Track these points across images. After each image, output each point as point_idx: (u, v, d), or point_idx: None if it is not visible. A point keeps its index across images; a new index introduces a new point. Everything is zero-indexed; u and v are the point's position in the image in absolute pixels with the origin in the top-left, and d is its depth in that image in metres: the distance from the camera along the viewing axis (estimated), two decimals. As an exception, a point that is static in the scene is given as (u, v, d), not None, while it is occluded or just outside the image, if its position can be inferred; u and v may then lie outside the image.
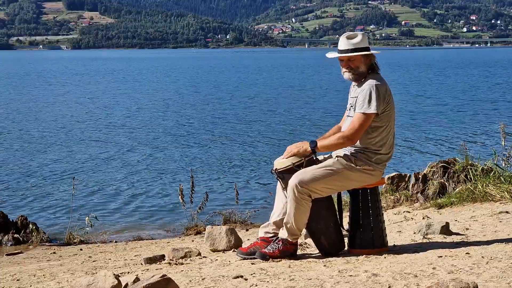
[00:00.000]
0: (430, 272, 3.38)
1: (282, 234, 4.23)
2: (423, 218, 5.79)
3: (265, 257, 4.18)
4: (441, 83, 37.00)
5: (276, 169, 4.26)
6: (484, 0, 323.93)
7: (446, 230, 4.80)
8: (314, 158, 4.26)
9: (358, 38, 4.23)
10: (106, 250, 6.36)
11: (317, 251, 4.38)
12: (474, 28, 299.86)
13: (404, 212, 6.44)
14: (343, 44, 4.25)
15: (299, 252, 4.42)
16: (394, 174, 7.44)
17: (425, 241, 4.62)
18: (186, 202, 7.45)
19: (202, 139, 15.94)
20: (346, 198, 5.36)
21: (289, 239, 4.19)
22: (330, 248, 4.27)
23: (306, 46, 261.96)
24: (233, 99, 27.83)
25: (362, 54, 4.20)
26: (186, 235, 7.20)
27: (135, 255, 5.73)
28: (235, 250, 4.72)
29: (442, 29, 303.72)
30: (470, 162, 6.86)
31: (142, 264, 4.82)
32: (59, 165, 12.60)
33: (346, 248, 4.34)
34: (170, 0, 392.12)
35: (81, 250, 6.46)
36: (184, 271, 3.97)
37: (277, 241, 4.24)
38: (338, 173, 4.13)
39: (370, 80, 4.17)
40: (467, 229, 5.02)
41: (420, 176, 7.03)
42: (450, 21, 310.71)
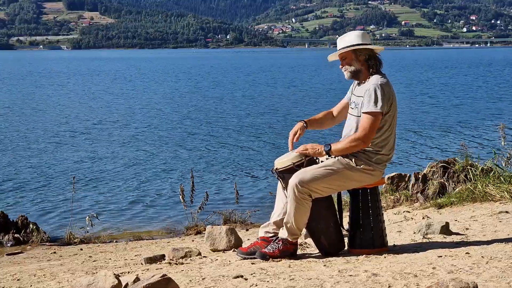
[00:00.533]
0: (430, 272, 3.38)
1: (282, 234, 4.23)
2: (423, 218, 5.80)
3: (265, 257, 4.18)
4: (441, 83, 36.99)
5: (276, 168, 4.26)
6: (484, 0, 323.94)
7: (446, 230, 4.80)
8: (314, 157, 4.26)
9: (350, 36, 4.22)
10: (107, 250, 6.36)
11: (317, 251, 4.38)
12: (474, 28, 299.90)
13: (404, 212, 6.44)
14: (338, 44, 4.27)
15: (299, 252, 4.42)
16: (394, 174, 7.45)
17: (425, 241, 4.62)
18: (186, 202, 7.45)
19: (202, 139, 15.95)
20: (346, 198, 5.36)
21: (289, 239, 4.19)
22: (330, 248, 4.27)
23: (306, 46, 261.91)
24: (233, 99, 27.83)
25: (349, 49, 4.16)
26: (186, 235, 7.20)
27: (135, 255, 5.73)
28: (235, 250, 4.72)
29: (442, 29, 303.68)
30: (470, 162, 6.87)
31: (142, 264, 4.82)
32: (59, 165, 12.61)
33: (346, 248, 4.34)
34: (170, 0, 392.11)
35: (81, 250, 6.46)
36: (184, 271, 3.97)
37: (277, 241, 4.24)
38: (338, 172, 4.12)
39: (375, 79, 4.12)
40: (467, 229, 5.03)
41: (420, 176, 7.03)
42: (450, 21, 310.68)
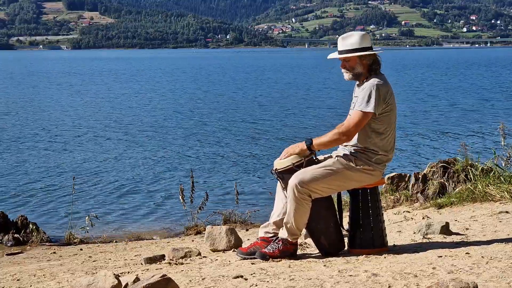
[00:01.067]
0: (430, 272, 3.38)
1: (282, 234, 4.23)
2: (423, 218, 5.79)
3: (265, 257, 4.18)
4: (441, 83, 36.99)
5: (276, 169, 4.26)
6: (484, 0, 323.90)
7: (446, 230, 4.80)
8: (314, 158, 4.26)
9: (354, 38, 4.20)
10: (106, 250, 6.36)
11: (317, 251, 4.38)
12: (474, 28, 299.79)
13: (404, 212, 6.44)
14: (339, 45, 4.26)
15: (299, 252, 4.42)
16: (394, 174, 7.44)
17: (425, 241, 4.62)
18: (186, 202, 7.45)
19: (202, 139, 15.94)
20: (346, 198, 5.36)
21: (289, 239, 4.19)
22: (330, 248, 4.27)
23: (306, 46, 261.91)
24: (233, 99, 27.84)
25: (356, 55, 4.17)
26: (186, 235, 7.20)
27: (135, 255, 5.73)
28: (235, 250, 4.72)
29: (442, 29, 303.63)
30: (470, 162, 6.87)
31: (142, 264, 4.82)
32: (59, 165, 12.60)
33: (346, 248, 4.34)
34: (170, 0, 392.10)
35: (81, 250, 6.46)
36: (184, 271, 3.97)
37: (277, 241, 4.24)
38: (338, 173, 4.12)
39: (373, 79, 4.14)
40: (467, 229, 5.02)
41: (420, 176, 7.03)
42: (450, 21, 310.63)
